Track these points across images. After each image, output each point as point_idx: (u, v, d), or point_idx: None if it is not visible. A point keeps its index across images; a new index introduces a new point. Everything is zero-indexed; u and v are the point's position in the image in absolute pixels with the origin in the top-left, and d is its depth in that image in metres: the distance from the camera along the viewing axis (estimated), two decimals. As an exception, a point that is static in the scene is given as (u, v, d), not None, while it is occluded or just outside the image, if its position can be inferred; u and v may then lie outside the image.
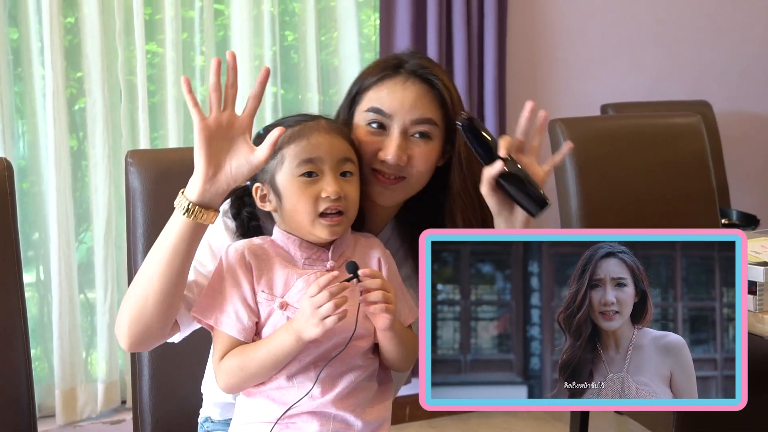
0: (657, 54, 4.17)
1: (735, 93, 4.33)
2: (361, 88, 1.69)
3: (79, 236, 3.32)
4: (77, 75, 3.25)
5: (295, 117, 1.62)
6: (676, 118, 3.08)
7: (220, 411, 1.80)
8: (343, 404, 1.54)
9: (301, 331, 1.45)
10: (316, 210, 1.53)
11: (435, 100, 1.66)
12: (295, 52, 3.59)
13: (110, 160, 3.23)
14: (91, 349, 3.37)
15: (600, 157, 2.87)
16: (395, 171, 1.64)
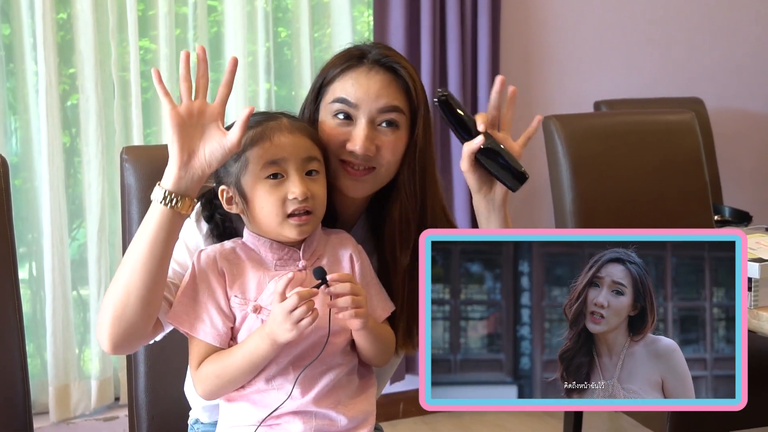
0: (650, 51, 4.18)
1: (727, 91, 4.34)
2: (325, 81, 1.67)
3: (72, 233, 3.31)
4: (70, 71, 3.24)
5: (255, 116, 1.58)
6: (671, 116, 3.08)
7: (208, 414, 1.80)
8: (324, 402, 1.54)
9: (275, 335, 1.45)
10: (284, 212, 1.52)
11: (400, 88, 1.65)
12: (289, 49, 3.58)
13: (104, 157, 3.22)
14: (84, 346, 3.36)
15: (594, 154, 2.87)
16: (364, 162, 1.62)
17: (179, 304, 1.53)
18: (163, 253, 1.50)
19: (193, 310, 1.52)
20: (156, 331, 1.59)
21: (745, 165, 4.41)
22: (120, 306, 1.50)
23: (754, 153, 4.45)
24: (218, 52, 3.44)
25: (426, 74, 3.55)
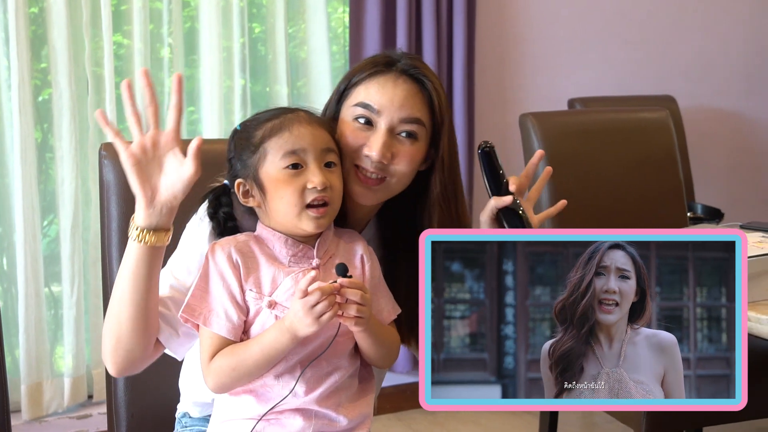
0: (624, 49, 4.20)
1: (699, 88, 4.38)
2: (350, 84, 1.67)
3: (44, 229, 3.28)
4: (42, 66, 3.20)
5: (272, 110, 1.60)
6: (645, 113, 3.10)
7: (199, 409, 1.79)
8: (326, 402, 1.54)
9: (295, 329, 1.44)
10: (303, 201, 1.51)
11: (424, 101, 1.65)
12: (263, 44, 3.57)
13: (77, 152, 3.19)
14: (57, 343, 3.33)
15: (571, 152, 2.88)
16: (377, 169, 1.62)
17: (192, 297, 1.53)
18: (146, 285, 1.51)
19: (207, 302, 1.52)
20: (157, 350, 1.61)
21: (716, 162, 4.46)
22: (115, 337, 1.54)
23: (725, 150, 4.50)
24: (193, 48, 3.42)
25: (401, 71, 3.55)
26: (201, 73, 3.43)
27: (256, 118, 1.60)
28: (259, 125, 1.56)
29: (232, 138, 1.61)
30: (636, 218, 2.88)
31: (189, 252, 1.61)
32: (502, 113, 3.94)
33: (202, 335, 1.54)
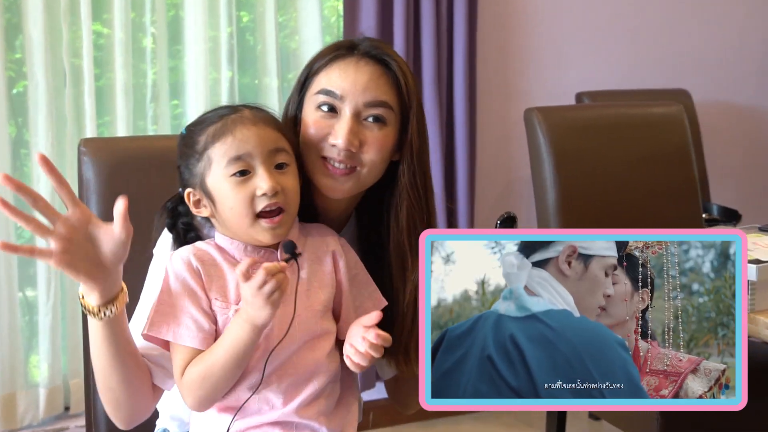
0: (634, 40, 4.21)
1: (714, 82, 4.38)
2: (311, 73, 1.66)
3: (18, 230, 3.28)
4: (16, 57, 3.20)
5: (216, 111, 1.57)
6: (657, 108, 3.11)
7: (177, 424, 1.79)
8: (307, 412, 1.54)
9: (252, 318, 1.43)
10: (254, 210, 1.50)
11: (390, 82, 1.64)
12: (251, 34, 3.57)
13: (54, 149, 3.19)
14: (31, 351, 3.33)
15: (578, 148, 2.89)
16: (345, 158, 1.61)
17: (156, 314, 1.51)
18: (123, 349, 1.52)
19: (173, 316, 1.51)
20: (158, 393, 1.62)
21: (732, 161, 4.46)
22: (114, 402, 1.57)
23: (742, 148, 4.51)
24: (177, 38, 3.42)
25: (398, 62, 3.55)
26: (186, 64, 3.43)
27: (200, 121, 1.58)
28: (202, 130, 1.55)
29: (179, 144, 1.60)
30: (647, 220, 2.89)
31: (156, 285, 1.59)
32: (505, 108, 3.95)
33: (173, 352, 1.53)
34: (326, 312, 1.58)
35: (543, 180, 2.85)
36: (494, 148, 3.96)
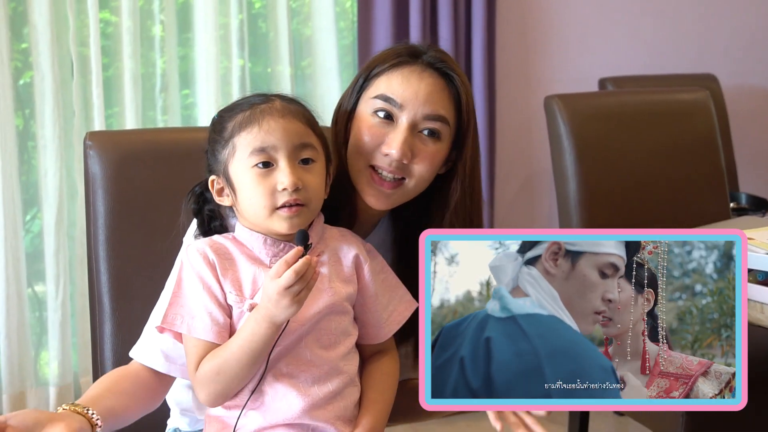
0: (659, 24, 4.19)
1: (742, 66, 4.36)
2: (370, 75, 1.66)
3: (26, 224, 3.30)
4: (22, 46, 3.22)
5: (249, 98, 1.58)
6: (683, 94, 3.10)
7: (188, 421, 1.81)
8: (321, 414, 1.54)
9: (273, 316, 1.44)
10: (273, 204, 1.51)
11: (450, 97, 1.65)
12: (264, 21, 3.58)
13: (61, 141, 3.21)
14: (41, 348, 3.36)
15: (600, 137, 2.89)
16: (396, 168, 1.62)
17: (170, 306, 1.53)
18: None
19: (187, 309, 1.52)
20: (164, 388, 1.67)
21: (762, 148, 4.44)
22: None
23: (772, 134, 4.49)
24: (187, 25, 3.43)
25: (415, 48, 3.55)
26: (196, 53, 3.44)
27: (232, 107, 1.59)
28: (231, 117, 1.55)
29: (210, 128, 1.61)
30: (672, 210, 2.88)
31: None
32: (525, 95, 3.94)
33: (187, 344, 1.54)
34: (347, 311, 1.59)
35: (564, 171, 2.84)
36: (514, 137, 3.96)
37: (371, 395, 1.61)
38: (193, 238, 1.64)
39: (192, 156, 1.98)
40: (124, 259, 1.94)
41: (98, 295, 1.94)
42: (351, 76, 3.72)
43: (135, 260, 1.93)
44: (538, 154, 3.96)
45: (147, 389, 1.63)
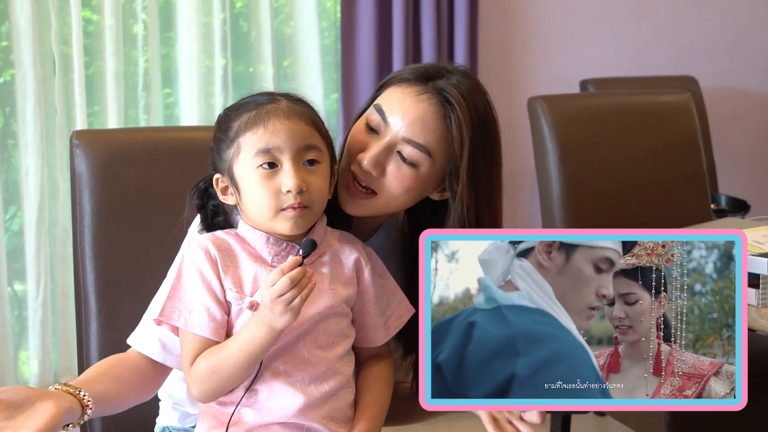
0: (640, 25, 4.21)
1: (723, 68, 4.39)
2: (387, 82, 1.66)
3: (6, 222, 3.29)
4: (3, 44, 3.21)
5: (255, 97, 1.58)
6: (664, 96, 3.12)
7: (179, 416, 1.80)
8: (315, 414, 1.54)
9: (271, 322, 1.45)
10: (278, 206, 1.51)
11: (444, 130, 1.60)
12: (246, 20, 3.58)
13: (43, 139, 3.19)
14: (21, 347, 3.34)
15: (583, 138, 2.90)
16: (366, 178, 1.61)
17: (169, 299, 1.54)
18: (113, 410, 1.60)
19: (185, 302, 1.53)
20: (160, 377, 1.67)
21: (741, 149, 4.47)
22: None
23: (751, 136, 4.52)
24: (169, 24, 3.43)
25: (398, 48, 3.56)
26: (178, 51, 3.43)
27: (238, 106, 1.59)
28: (237, 116, 1.55)
29: (215, 125, 1.61)
30: (654, 211, 2.90)
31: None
32: (508, 96, 3.95)
33: (183, 339, 1.54)
34: (346, 313, 1.60)
35: (547, 171, 2.86)
36: (496, 137, 3.96)
37: (367, 399, 1.61)
38: (197, 232, 1.65)
39: (179, 155, 1.98)
40: (110, 258, 1.93)
41: (84, 294, 1.94)
42: (333, 76, 3.73)
43: (121, 259, 1.93)
44: (520, 154, 3.97)
45: (142, 378, 1.63)
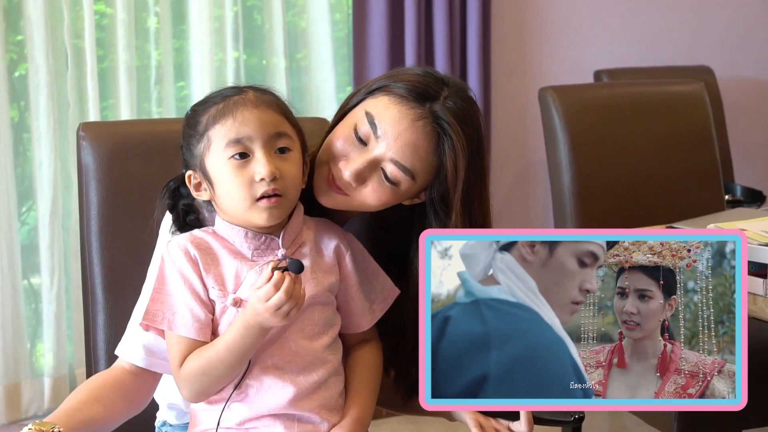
0: (654, 16, 4.19)
1: (738, 57, 4.36)
2: (386, 86, 1.61)
3: (21, 216, 3.30)
4: (17, 38, 3.22)
5: (222, 91, 1.57)
6: (677, 86, 3.10)
7: (175, 414, 1.81)
8: (307, 404, 1.55)
9: (261, 323, 1.45)
10: (252, 195, 1.50)
11: (432, 156, 1.58)
12: (259, 13, 3.58)
13: (56, 133, 3.21)
14: (37, 340, 3.36)
15: (595, 129, 2.88)
16: (344, 187, 1.60)
17: (152, 302, 1.53)
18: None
19: (168, 304, 1.52)
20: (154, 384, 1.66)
21: (757, 139, 4.44)
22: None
23: (767, 126, 4.49)
24: (181, 17, 3.43)
25: (410, 40, 3.56)
26: (191, 45, 3.44)
27: (204, 101, 1.58)
28: (205, 110, 1.55)
29: (183, 123, 1.61)
30: (666, 202, 2.88)
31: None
32: (521, 86, 3.94)
33: (169, 341, 1.54)
34: (330, 301, 1.60)
35: (558, 163, 2.84)
36: (509, 128, 3.96)
37: (356, 385, 1.61)
38: (170, 233, 1.64)
39: (185, 147, 1.98)
40: (116, 250, 1.93)
41: (91, 286, 1.94)
42: (346, 69, 3.73)
43: (128, 251, 1.93)
44: (534, 146, 3.96)
45: (128, 392, 1.62)
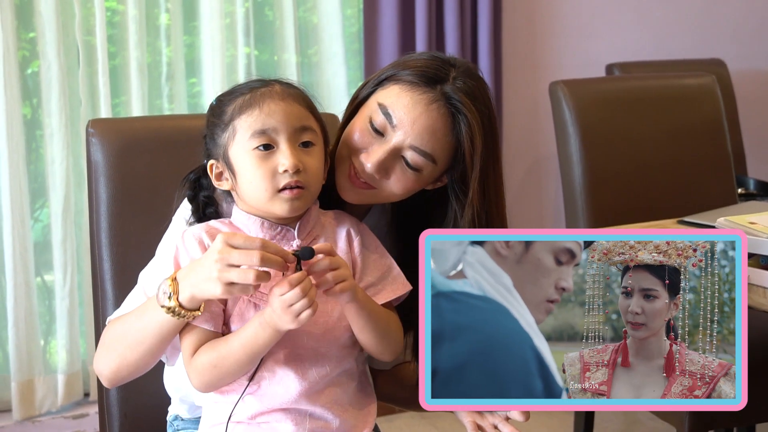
0: (666, 8, 4.17)
1: (751, 50, 4.34)
2: (393, 76, 1.62)
3: (34, 213, 3.31)
4: (29, 36, 3.22)
5: (248, 83, 1.58)
6: (689, 79, 3.09)
7: (187, 407, 1.81)
8: (319, 399, 1.55)
9: (276, 324, 1.45)
10: (275, 186, 1.51)
11: (450, 136, 1.59)
12: (270, 9, 3.57)
13: (68, 130, 3.21)
14: (50, 337, 3.37)
15: (606, 122, 2.87)
16: (368, 179, 1.61)
17: None
18: (166, 343, 1.55)
19: None
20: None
21: (771, 132, 4.42)
22: (119, 360, 1.58)
23: (781, 119, 4.47)
24: (193, 14, 3.43)
25: (421, 35, 3.55)
26: (202, 41, 3.43)
27: (231, 92, 1.59)
28: (231, 100, 1.56)
29: (208, 114, 1.61)
30: (678, 196, 2.87)
31: (166, 263, 1.60)
32: (533, 81, 3.93)
33: (181, 332, 1.54)
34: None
35: (569, 157, 2.83)
36: (521, 123, 3.95)
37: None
38: (185, 222, 1.64)
39: (195, 143, 1.98)
40: (126, 247, 1.94)
41: (101, 282, 1.95)
42: (358, 64, 3.72)
43: (137, 247, 1.93)
44: (545, 140, 3.94)
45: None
